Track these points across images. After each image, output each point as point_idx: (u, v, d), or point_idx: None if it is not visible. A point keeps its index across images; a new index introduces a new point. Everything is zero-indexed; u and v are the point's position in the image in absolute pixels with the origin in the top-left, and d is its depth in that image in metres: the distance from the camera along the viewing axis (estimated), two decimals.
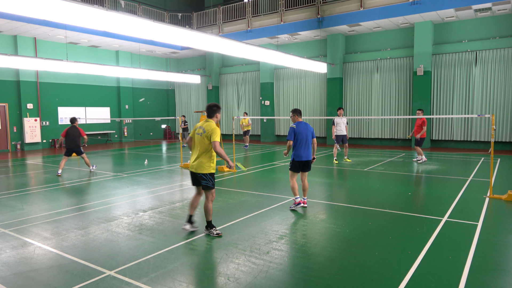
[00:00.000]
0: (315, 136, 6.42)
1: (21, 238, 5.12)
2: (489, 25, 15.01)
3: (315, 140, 6.40)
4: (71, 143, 10.55)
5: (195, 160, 4.90)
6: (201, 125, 4.93)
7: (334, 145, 12.03)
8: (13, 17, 14.16)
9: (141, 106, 23.73)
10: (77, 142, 10.62)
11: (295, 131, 6.26)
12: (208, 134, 4.76)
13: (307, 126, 6.35)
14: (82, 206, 6.97)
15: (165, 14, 20.67)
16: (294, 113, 6.43)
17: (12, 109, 17.38)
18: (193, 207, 5.26)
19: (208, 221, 5.06)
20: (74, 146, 10.60)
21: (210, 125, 4.83)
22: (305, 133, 6.25)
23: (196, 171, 4.89)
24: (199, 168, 4.85)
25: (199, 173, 4.88)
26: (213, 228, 5.07)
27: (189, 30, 9.34)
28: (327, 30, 17.28)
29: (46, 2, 6.41)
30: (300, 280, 3.74)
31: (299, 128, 6.27)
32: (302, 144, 6.24)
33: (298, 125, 6.30)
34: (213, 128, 4.78)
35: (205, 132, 4.79)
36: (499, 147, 15.07)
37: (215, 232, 5.02)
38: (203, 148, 4.82)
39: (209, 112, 4.95)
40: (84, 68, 14.88)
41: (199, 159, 4.84)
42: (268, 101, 20.54)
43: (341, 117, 11.80)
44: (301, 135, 6.23)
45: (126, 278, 3.81)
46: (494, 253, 4.38)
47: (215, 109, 4.95)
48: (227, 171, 10.58)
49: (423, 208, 6.54)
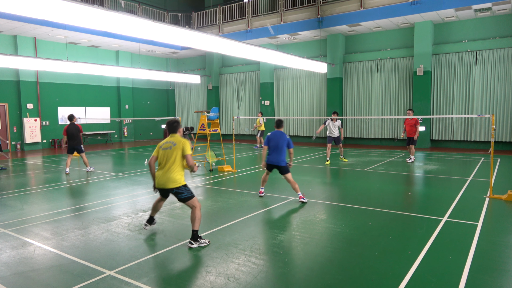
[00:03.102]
0: (293, 146, 7.10)
1: (21, 238, 5.12)
2: (489, 25, 15.01)
3: (292, 150, 7.06)
4: (72, 140, 10.58)
5: (164, 176, 4.72)
6: (169, 140, 4.83)
7: (328, 146, 12.02)
8: (13, 17, 14.16)
9: (141, 106, 23.73)
10: (77, 139, 10.63)
11: (269, 138, 7.14)
12: (181, 146, 4.69)
13: (282, 136, 7.06)
14: (82, 206, 6.97)
15: (165, 14, 20.67)
16: (275, 124, 7.26)
17: (12, 109, 17.38)
18: (155, 210, 5.34)
19: (195, 230, 4.68)
20: (75, 143, 10.61)
21: (179, 139, 4.77)
22: (277, 141, 7.01)
23: (166, 186, 4.71)
24: (169, 183, 4.69)
25: (172, 188, 4.72)
26: (201, 238, 4.76)
27: (189, 30, 9.34)
28: (327, 30, 17.28)
29: (46, 2, 6.40)
30: (300, 280, 3.74)
31: (273, 136, 7.11)
32: (273, 150, 7.04)
33: (273, 134, 7.14)
34: (184, 141, 4.73)
35: (176, 145, 4.71)
36: (499, 147, 15.06)
37: (205, 242, 4.73)
38: (172, 161, 4.69)
39: (171, 129, 4.87)
40: (84, 68, 14.88)
41: (168, 174, 4.68)
42: (268, 101, 20.54)
43: (334, 122, 11.78)
44: (273, 142, 7.03)
45: (126, 278, 3.81)
46: (494, 253, 4.38)
47: (176, 125, 4.88)
48: (227, 171, 10.58)
49: (423, 208, 6.54)
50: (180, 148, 4.70)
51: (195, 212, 4.75)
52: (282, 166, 7.03)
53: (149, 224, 5.39)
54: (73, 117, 10.82)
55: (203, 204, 6.92)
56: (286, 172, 7.05)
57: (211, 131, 11.13)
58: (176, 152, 4.70)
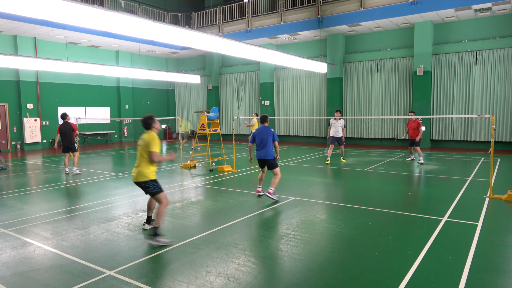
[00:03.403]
0: (278, 140, 7.24)
1: (21, 238, 5.12)
2: (489, 25, 15.01)
3: (277, 143, 7.22)
4: (64, 139, 10.47)
5: (135, 170, 4.92)
6: (143, 136, 4.99)
7: (329, 146, 12.03)
8: (13, 17, 14.16)
9: (141, 106, 23.72)
10: (70, 139, 10.49)
11: (254, 134, 7.21)
12: (147, 144, 4.81)
13: (266, 130, 7.15)
14: (82, 206, 6.97)
15: (165, 14, 20.67)
16: (260, 119, 7.36)
17: (12, 109, 17.38)
18: (150, 209, 5.40)
19: (156, 227, 4.78)
20: (68, 142, 10.47)
21: (149, 135, 4.90)
22: (261, 137, 7.10)
23: (137, 180, 4.90)
24: (139, 177, 4.86)
25: (140, 182, 4.89)
26: (160, 236, 4.75)
27: (189, 30, 9.34)
28: (327, 30, 17.28)
29: (46, 2, 6.40)
30: (300, 280, 3.74)
31: (258, 132, 7.19)
32: (259, 145, 7.14)
33: (258, 130, 7.22)
34: (152, 138, 4.84)
35: (145, 141, 4.86)
36: (499, 147, 15.06)
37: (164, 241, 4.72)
38: (143, 157, 4.86)
39: (145, 125, 5.01)
40: (84, 68, 14.87)
41: (138, 169, 4.87)
42: (268, 101, 20.54)
43: (337, 120, 11.75)
44: (259, 138, 7.13)
45: (126, 278, 3.81)
46: (494, 253, 4.38)
47: (150, 122, 5.00)
48: (227, 171, 10.58)
49: (423, 208, 6.54)
50: (147, 145, 4.82)
51: (160, 207, 4.90)
52: (269, 160, 7.15)
53: (147, 224, 5.42)
54: (66, 115, 10.67)
55: (203, 204, 6.92)
56: (274, 167, 7.14)
57: (211, 131, 11.13)
58: (145, 150, 4.84)
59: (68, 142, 10.49)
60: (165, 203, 4.95)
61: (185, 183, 9.14)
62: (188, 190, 8.31)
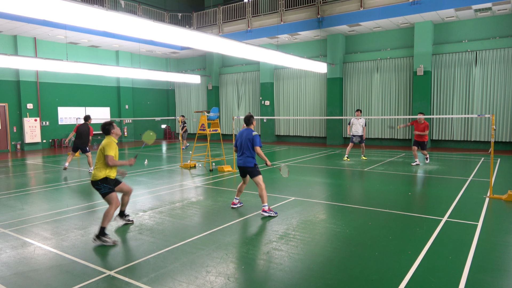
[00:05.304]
0: (259, 145, 6.02)
1: (21, 238, 5.12)
2: (489, 25, 15.01)
3: (258, 149, 6.02)
4: (79, 139, 10.67)
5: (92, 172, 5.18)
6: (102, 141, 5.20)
7: (350, 144, 12.54)
8: (13, 17, 14.16)
9: (141, 106, 23.72)
10: (84, 140, 10.72)
11: (236, 138, 6.34)
12: (103, 148, 5.03)
13: (247, 134, 6.13)
14: (82, 206, 6.97)
15: (165, 14, 20.67)
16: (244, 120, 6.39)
17: (12, 109, 17.38)
18: (122, 204, 5.65)
19: (102, 227, 4.82)
20: (81, 143, 10.70)
21: (107, 140, 5.12)
22: (240, 140, 6.18)
23: (91, 180, 5.12)
24: (92, 178, 5.08)
25: (92, 182, 5.08)
26: (106, 236, 4.82)
27: (189, 30, 9.34)
28: (327, 30, 17.27)
29: (46, 2, 6.40)
30: (300, 280, 3.74)
31: (239, 135, 6.26)
32: (239, 151, 6.22)
33: (240, 133, 6.29)
34: (108, 143, 5.06)
35: (101, 146, 5.08)
36: (499, 147, 15.06)
37: (110, 241, 4.78)
38: (99, 160, 5.07)
39: (104, 131, 5.23)
40: (84, 68, 14.88)
41: (94, 171, 5.07)
42: (268, 101, 20.54)
43: (358, 119, 12.21)
44: (239, 142, 6.22)
45: (126, 278, 3.81)
46: (494, 253, 4.38)
47: (108, 127, 5.22)
48: (227, 171, 10.58)
49: (423, 208, 6.54)
50: (103, 149, 5.05)
51: (108, 209, 5.00)
52: (248, 167, 6.09)
53: (119, 217, 5.65)
54: (88, 118, 10.92)
55: (203, 204, 6.92)
56: (254, 175, 6.07)
57: (211, 131, 11.13)
58: (100, 152, 5.07)
59: (81, 142, 10.69)
60: (115, 205, 5.06)
61: (185, 183, 9.14)
62: (188, 190, 8.31)
